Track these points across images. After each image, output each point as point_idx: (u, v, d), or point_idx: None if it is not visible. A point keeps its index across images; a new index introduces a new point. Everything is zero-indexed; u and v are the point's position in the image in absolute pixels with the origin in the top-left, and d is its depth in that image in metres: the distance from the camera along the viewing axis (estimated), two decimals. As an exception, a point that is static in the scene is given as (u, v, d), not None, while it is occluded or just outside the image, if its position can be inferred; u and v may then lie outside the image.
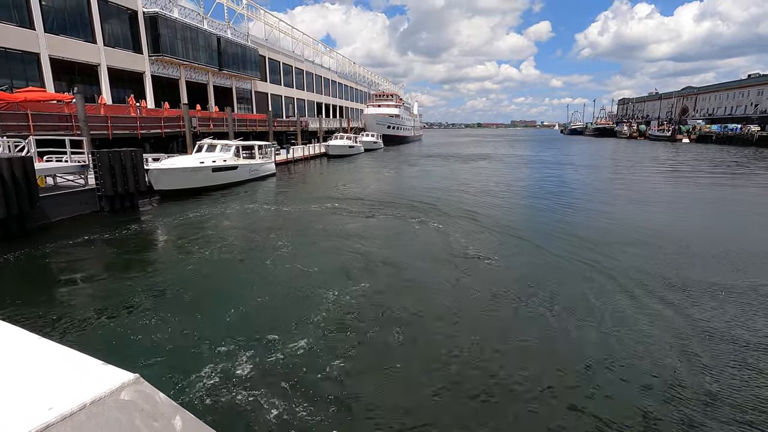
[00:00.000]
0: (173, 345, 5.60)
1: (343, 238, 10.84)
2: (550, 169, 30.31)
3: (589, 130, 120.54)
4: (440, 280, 7.95)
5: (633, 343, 5.68)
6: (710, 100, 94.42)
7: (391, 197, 16.76)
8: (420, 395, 4.64)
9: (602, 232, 11.37)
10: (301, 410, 4.31)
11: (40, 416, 0.73)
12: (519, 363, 5.26)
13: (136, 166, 12.42)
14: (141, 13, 28.94)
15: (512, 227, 11.83)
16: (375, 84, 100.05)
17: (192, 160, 15.96)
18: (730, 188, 20.31)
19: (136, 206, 13.13)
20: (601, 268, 8.47)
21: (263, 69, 46.47)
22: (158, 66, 30.89)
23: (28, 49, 21.86)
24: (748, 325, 6.18)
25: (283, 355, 5.32)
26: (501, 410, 4.43)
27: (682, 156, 41.75)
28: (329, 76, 68.04)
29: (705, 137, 67.60)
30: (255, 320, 6.38)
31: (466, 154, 47.19)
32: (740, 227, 12.13)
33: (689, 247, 9.90)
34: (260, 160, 21.09)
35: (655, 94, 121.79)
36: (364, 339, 5.81)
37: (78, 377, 0.87)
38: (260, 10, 47.75)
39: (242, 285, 7.75)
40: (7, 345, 1.00)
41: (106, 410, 0.79)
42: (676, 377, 4.90)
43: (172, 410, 0.90)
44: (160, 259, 9.48)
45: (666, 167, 30.63)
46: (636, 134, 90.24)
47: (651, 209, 14.67)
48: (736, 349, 5.50)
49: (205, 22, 36.31)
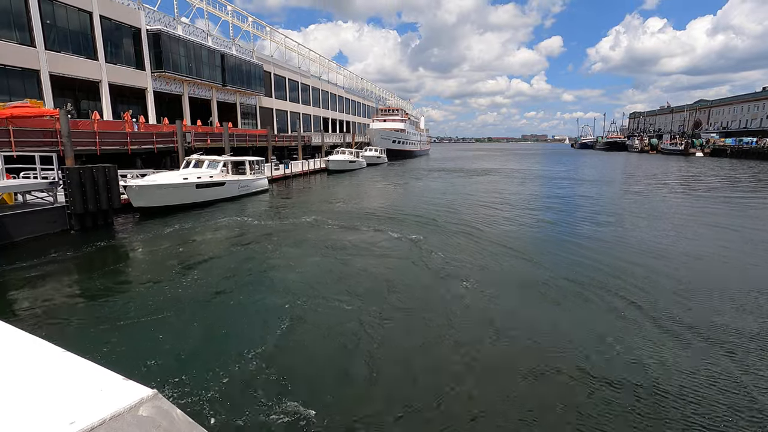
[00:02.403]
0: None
1: (323, 256, 10.19)
2: (554, 184, 29.40)
3: (599, 144, 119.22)
4: (432, 314, 7.21)
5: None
6: (724, 113, 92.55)
7: (385, 213, 16.10)
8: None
9: (614, 257, 10.51)
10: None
11: (62, 431, 0.76)
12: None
13: (109, 182, 11.98)
14: (144, 30, 29.27)
15: (505, 245, 11.05)
16: (383, 99, 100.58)
17: (175, 176, 15.53)
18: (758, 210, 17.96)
19: (111, 224, 12.66)
20: (616, 300, 7.63)
21: (268, 84, 46.78)
22: (161, 82, 31.09)
23: (28, 66, 22.04)
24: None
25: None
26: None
27: (696, 170, 40.42)
28: (336, 91, 68.45)
29: (719, 151, 65.85)
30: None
31: (471, 168, 46.49)
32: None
33: (727, 284, 9.00)
34: (251, 176, 20.69)
35: (667, 107, 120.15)
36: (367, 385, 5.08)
37: (99, 391, 0.90)
38: (267, 27, 48.37)
39: (209, 312, 7.11)
40: (32, 357, 1.04)
41: (124, 426, 0.81)
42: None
43: (188, 427, 0.89)
44: (122, 281, 8.91)
45: (682, 184, 29.47)
46: (648, 148, 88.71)
47: (672, 235, 12.88)
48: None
49: (209, 39, 36.72)
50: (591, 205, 19.04)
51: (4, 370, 0.99)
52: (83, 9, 24.80)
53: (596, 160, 66.46)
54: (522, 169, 45.94)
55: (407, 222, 14.43)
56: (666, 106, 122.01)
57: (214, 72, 36.39)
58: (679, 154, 72.40)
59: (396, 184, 29.72)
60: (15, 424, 0.79)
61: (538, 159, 70.03)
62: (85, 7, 24.85)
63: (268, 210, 17.21)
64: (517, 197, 21.67)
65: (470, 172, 41.32)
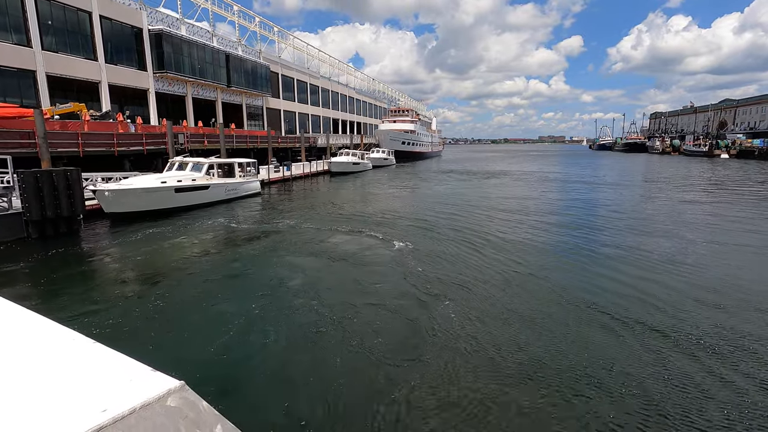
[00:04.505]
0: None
1: (290, 268, 9.21)
2: (567, 187, 27.86)
3: (618, 146, 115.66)
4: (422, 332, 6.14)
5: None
6: (751, 113, 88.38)
7: (380, 217, 15.04)
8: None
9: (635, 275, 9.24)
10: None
11: (94, 418, 0.78)
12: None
13: (71, 186, 11.20)
14: (146, 30, 28.93)
15: (505, 262, 9.87)
16: (395, 100, 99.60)
17: (151, 180, 14.73)
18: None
19: (77, 232, 11.91)
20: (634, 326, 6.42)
21: (276, 85, 46.29)
22: (163, 83, 30.73)
23: (24, 67, 21.77)
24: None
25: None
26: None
27: (722, 172, 38.12)
28: (346, 92, 67.75)
29: (746, 152, 62.59)
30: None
31: (483, 170, 45.00)
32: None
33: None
34: (240, 179, 19.85)
35: (691, 107, 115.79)
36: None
37: (128, 382, 0.91)
38: (275, 27, 47.92)
39: (163, 338, 6.18)
40: (64, 348, 1.07)
41: (153, 415, 0.82)
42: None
43: (214, 419, 0.91)
44: (68, 294, 8.06)
45: (715, 190, 27.59)
46: (669, 149, 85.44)
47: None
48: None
49: (214, 40, 36.33)
50: (611, 215, 17.60)
51: (41, 359, 1.02)
52: (82, 9, 24.51)
53: (614, 161, 64.01)
54: (533, 171, 44.23)
55: (399, 228, 13.33)
56: (689, 106, 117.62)
57: (219, 72, 35.96)
58: (702, 156, 69.28)
59: (400, 187, 28.60)
60: (52, 410, 0.82)
61: (552, 161, 67.85)
62: (84, 7, 24.56)
63: (254, 215, 16.24)
64: (521, 204, 20.32)
65: (479, 174, 39.89)
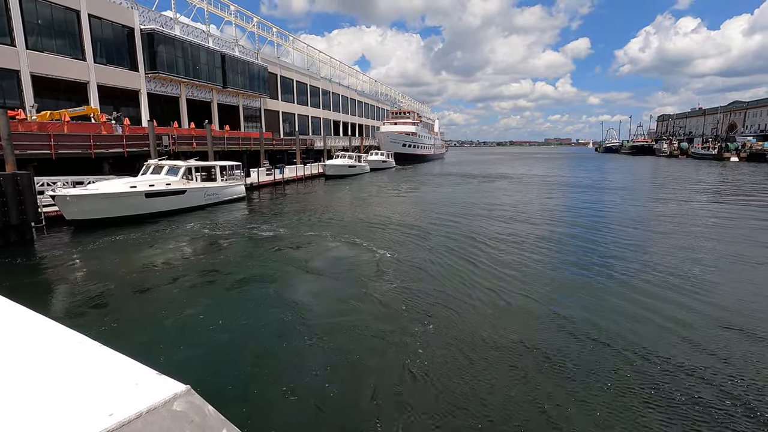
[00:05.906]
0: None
1: (260, 282, 8.32)
2: (569, 193, 26.80)
3: (625, 148, 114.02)
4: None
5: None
6: (762, 115, 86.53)
7: (366, 224, 14.13)
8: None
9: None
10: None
11: (101, 422, 0.78)
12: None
13: (21, 192, 10.41)
14: (138, 30, 28.29)
15: (497, 267, 8.92)
16: (398, 102, 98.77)
17: (119, 185, 13.88)
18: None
19: (31, 241, 11.11)
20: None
21: (274, 86, 45.59)
22: (155, 83, 30.07)
23: (7, 66, 21.13)
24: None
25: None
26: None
27: (733, 176, 36.80)
28: (348, 93, 66.99)
29: (757, 155, 60.99)
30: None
31: (485, 173, 43.95)
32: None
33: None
34: (222, 183, 18.97)
35: (699, 109, 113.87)
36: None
37: (134, 386, 0.91)
38: (273, 28, 47.28)
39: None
40: (72, 351, 1.07)
41: (159, 419, 0.82)
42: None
43: (220, 424, 0.90)
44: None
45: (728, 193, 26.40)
46: (677, 152, 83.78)
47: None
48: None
49: (210, 40, 35.69)
50: (622, 228, 16.55)
51: (49, 362, 1.02)
52: (69, 7, 23.87)
53: (619, 164, 62.65)
54: (536, 174, 43.12)
55: (383, 237, 12.40)
56: (698, 108, 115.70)
57: (214, 73, 35.28)
58: (711, 159, 67.72)
59: (397, 191, 27.68)
60: (59, 413, 0.82)
61: (556, 164, 66.59)
62: (71, 5, 23.93)
63: (232, 220, 15.32)
64: (520, 210, 19.31)
65: (481, 177, 38.87)
